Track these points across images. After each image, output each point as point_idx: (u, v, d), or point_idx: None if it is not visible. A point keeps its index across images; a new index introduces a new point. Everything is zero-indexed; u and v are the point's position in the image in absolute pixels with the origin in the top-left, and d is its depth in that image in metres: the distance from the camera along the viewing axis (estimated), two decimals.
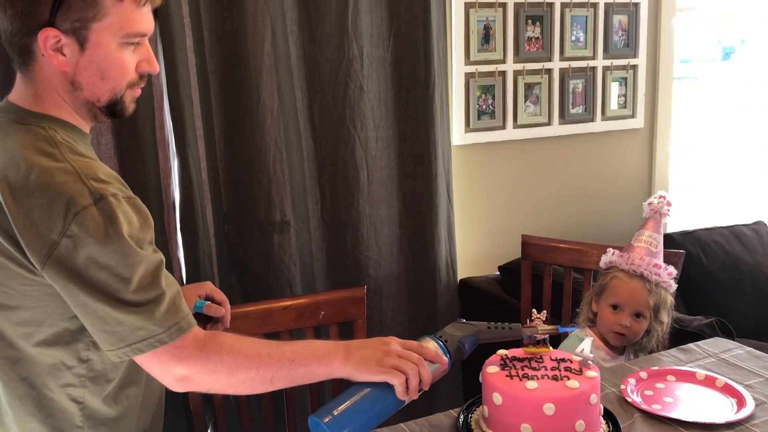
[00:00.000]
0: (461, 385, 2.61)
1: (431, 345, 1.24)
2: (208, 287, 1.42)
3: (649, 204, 1.77)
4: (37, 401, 1.17)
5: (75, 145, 1.14)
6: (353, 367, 1.14)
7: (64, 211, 1.04)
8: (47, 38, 1.09)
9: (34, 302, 1.12)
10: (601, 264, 1.81)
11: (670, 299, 1.75)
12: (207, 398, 1.57)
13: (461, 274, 2.66)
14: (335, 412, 1.11)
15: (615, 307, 1.74)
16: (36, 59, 1.13)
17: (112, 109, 1.19)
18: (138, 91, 1.21)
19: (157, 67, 1.21)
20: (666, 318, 1.75)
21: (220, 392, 1.16)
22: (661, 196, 1.77)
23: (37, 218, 1.05)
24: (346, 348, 1.16)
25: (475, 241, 2.78)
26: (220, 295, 1.43)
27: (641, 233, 1.76)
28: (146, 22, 1.16)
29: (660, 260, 1.73)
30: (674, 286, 1.75)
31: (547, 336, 1.34)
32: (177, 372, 1.09)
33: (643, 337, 1.76)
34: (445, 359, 1.24)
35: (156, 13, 1.85)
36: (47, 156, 1.08)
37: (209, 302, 1.40)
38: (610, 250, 1.80)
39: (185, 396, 1.59)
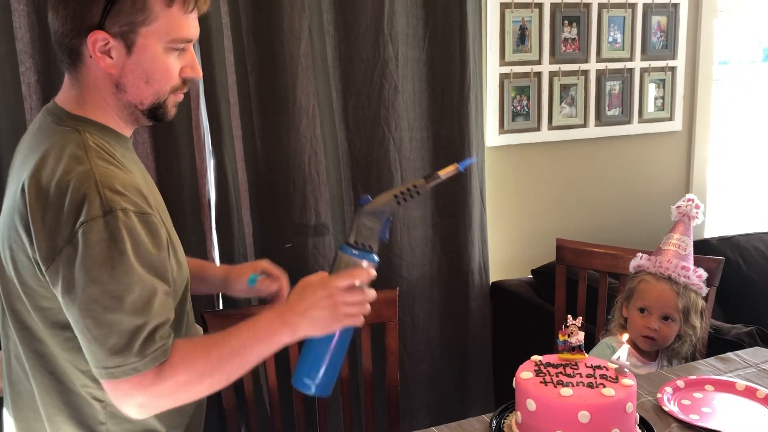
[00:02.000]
0: (493, 390, 2.60)
1: (356, 263, 1.19)
2: (264, 264, 1.43)
3: (678, 207, 1.76)
4: (63, 395, 1.19)
5: (108, 149, 1.15)
6: (305, 333, 1.17)
7: (74, 219, 1.05)
8: (96, 41, 1.11)
9: (53, 303, 1.13)
10: (630, 268, 1.80)
11: (701, 302, 1.72)
12: (240, 396, 1.59)
13: (493, 277, 2.65)
14: (317, 379, 1.19)
15: (643, 310, 1.73)
16: (84, 61, 1.15)
17: (155, 112, 1.20)
18: (180, 96, 1.22)
19: (201, 73, 1.23)
20: (698, 322, 1.71)
21: (176, 405, 1.16)
22: (689, 199, 1.74)
23: (49, 222, 1.06)
24: (291, 319, 1.15)
25: (507, 243, 2.76)
26: (275, 271, 1.43)
27: (670, 236, 1.75)
28: (192, 28, 1.18)
29: (689, 263, 1.71)
30: (705, 289, 1.72)
31: (581, 343, 1.33)
32: (137, 400, 1.10)
33: (675, 342, 1.73)
34: (374, 264, 1.21)
35: None
36: (74, 159, 1.10)
37: (262, 277, 1.41)
38: (639, 255, 1.79)
39: (218, 395, 1.61)
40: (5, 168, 2.02)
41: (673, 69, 2.93)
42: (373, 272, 1.21)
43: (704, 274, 1.72)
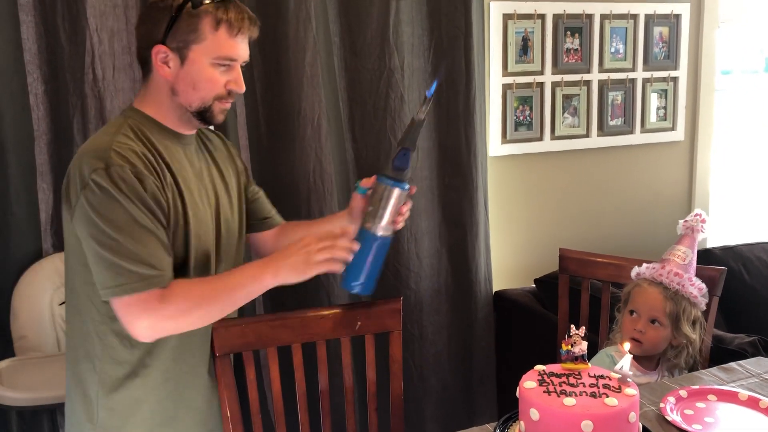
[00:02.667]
0: (496, 400, 2.60)
1: (390, 190, 1.41)
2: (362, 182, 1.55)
3: (684, 221, 1.78)
4: (82, 329, 1.42)
5: (144, 133, 1.39)
6: (285, 276, 1.36)
7: (88, 171, 1.30)
8: (158, 52, 1.38)
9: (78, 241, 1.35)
10: (632, 275, 1.82)
11: (695, 313, 1.72)
12: (244, 406, 1.59)
13: (496, 286, 2.66)
14: (360, 281, 1.44)
15: (632, 312, 1.75)
16: (150, 68, 1.41)
17: (203, 115, 1.43)
18: (227, 105, 1.44)
19: (243, 88, 1.44)
20: (692, 333, 1.71)
21: (179, 332, 1.38)
22: (696, 214, 1.77)
23: (72, 176, 1.34)
24: (274, 264, 1.37)
25: (510, 253, 2.77)
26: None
27: (674, 248, 1.77)
28: (237, 49, 1.40)
29: (685, 272, 1.72)
30: (703, 301, 1.73)
31: (584, 352, 1.33)
32: (144, 322, 1.32)
33: (669, 352, 1.73)
34: (405, 191, 1.44)
35: None
36: (106, 134, 1.38)
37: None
38: (644, 264, 1.80)
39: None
40: (14, 177, 2.05)
41: (675, 79, 2.95)
42: (406, 203, 1.47)
43: (703, 287, 1.72)
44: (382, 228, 1.43)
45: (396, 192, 1.42)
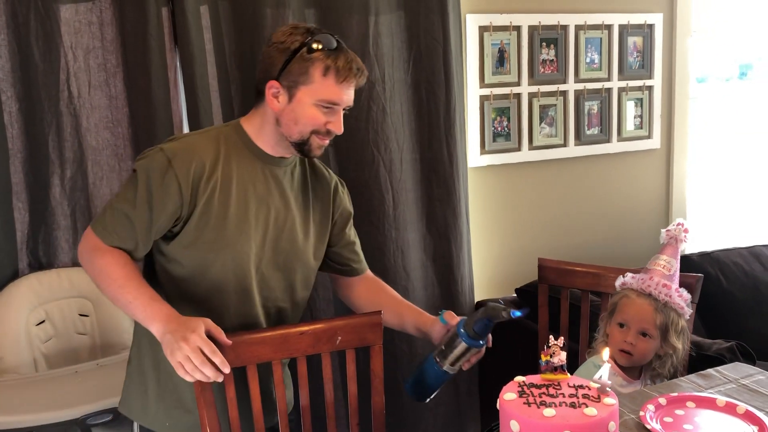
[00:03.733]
0: (479, 412, 2.60)
1: (463, 345, 1.54)
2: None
3: (667, 231, 1.78)
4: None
5: (227, 143, 1.57)
6: (159, 339, 1.42)
7: (157, 146, 1.56)
8: (271, 87, 1.54)
9: None
10: (616, 285, 1.82)
11: (682, 323, 1.73)
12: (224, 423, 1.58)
13: (477, 296, 2.66)
14: (420, 395, 1.64)
15: (622, 325, 1.75)
16: (263, 98, 1.57)
17: (300, 147, 1.58)
18: (325, 141, 1.59)
19: (341, 130, 1.58)
20: (678, 343, 1.72)
21: (86, 272, 1.55)
22: (679, 224, 1.78)
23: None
24: (164, 323, 1.42)
25: (491, 263, 2.78)
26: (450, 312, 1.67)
27: (657, 258, 1.77)
28: (341, 95, 1.54)
29: (672, 283, 1.73)
30: (688, 311, 1.73)
31: (564, 363, 1.34)
32: (80, 246, 1.56)
33: (655, 361, 1.74)
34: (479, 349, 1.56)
35: (178, 40, 1.94)
36: (198, 133, 1.65)
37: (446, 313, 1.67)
38: (627, 273, 1.81)
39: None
40: None
41: (650, 88, 2.99)
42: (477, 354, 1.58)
43: (688, 297, 1.73)
44: (451, 369, 1.56)
45: (472, 350, 1.54)
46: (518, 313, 1.43)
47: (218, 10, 2.16)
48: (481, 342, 1.53)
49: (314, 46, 1.50)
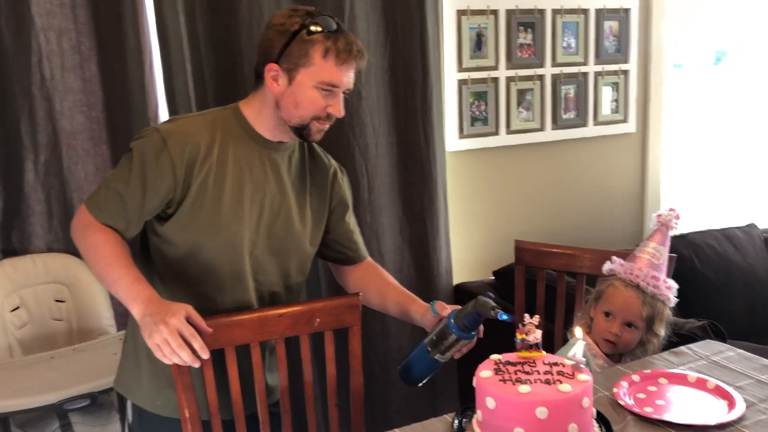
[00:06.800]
0: (457, 390, 2.63)
1: (455, 337, 1.52)
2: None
3: (658, 216, 1.75)
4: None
5: (222, 125, 1.55)
6: (138, 320, 1.40)
7: (153, 127, 1.57)
8: (270, 70, 1.52)
9: None
10: (603, 270, 1.80)
11: (667, 312, 1.74)
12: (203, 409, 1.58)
13: (456, 279, 2.68)
14: (412, 380, 1.62)
15: (608, 314, 1.75)
16: (262, 81, 1.55)
17: (300, 131, 1.56)
18: (325, 126, 1.57)
19: (341, 113, 1.55)
20: (662, 331, 1.74)
21: (75, 242, 1.54)
22: (671, 209, 1.75)
23: None
24: (144, 304, 1.40)
25: (469, 246, 2.80)
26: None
27: (647, 244, 1.75)
28: (341, 77, 1.51)
29: (660, 273, 1.72)
30: (674, 300, 1.73)
31: (539, 341, 1.35)
32: (74, 220, 1.54)
33: (637, 348, 1.76)
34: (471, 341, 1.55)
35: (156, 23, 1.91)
36: (197, 115, 1.63)
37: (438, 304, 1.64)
38: (615, 258, 1.79)
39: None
40: None
41: (626, 72, 3.01)
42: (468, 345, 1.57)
43: (674, 286, 1.73)
44: (441, 357, 1.56)
45: (461, 342, 1.54)
46: (505, 317, 1.43)
47: None
48: (472, 334, 1.54)
49: (313, 28, 1.49)
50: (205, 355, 1.39)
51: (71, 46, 2.11)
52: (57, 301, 2.17)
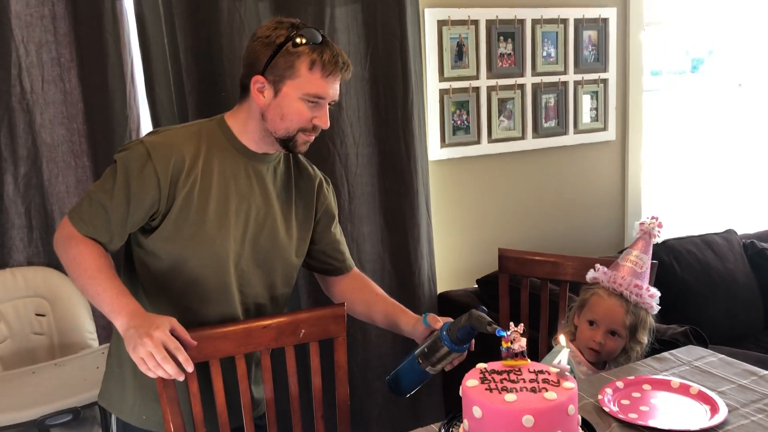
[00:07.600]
0: (443, 400, 2.63)
1: (446, 350, 1.52)
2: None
3: (641, 224, 1.76)
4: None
5: (207, 138, 1.55)
6: (123, 336, 1.39)
7: (137, 139, 1.59)
8: (256, 82, 1.52)
9: None
10: (587, 278, 1.82)
11: (650, 320, 1.75)
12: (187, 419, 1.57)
13: (440, 288, 2.69)
14: (401, 391, 1.61)
15: (591, 323, 1.76)
16: (247, 93, 1.55)
17: (285, 143, 1.56)
18: (311, 137, 1.57)
19: (327, 125, 1.56)
20: (645, 338, 1.75)
21: (59, 256, 1.53)
22: (653, 217, 1.76)
23: None
24: (129, 318, 1.39)
25: (453, 254, 2.81)
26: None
27: (629, 252, 1.76)
28: (327, 89, 1.52)
29: (643, 282, 1.73)
30: (656, 308, 1.75)
31: (524, 349, 1.36)
32: (57, 233, 1.52)
33: (620, 355, 1.77)
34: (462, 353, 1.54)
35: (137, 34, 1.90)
36: (182, 126, 1.61)
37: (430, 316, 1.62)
38: (598, 266, 1.80)
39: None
40: None
41: (605, 81, 3.05)
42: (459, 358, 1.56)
43: (657, 294, 1.74)
44: (432, 369, 1.56)
45: (452, 354, 1.54)
46: (503, 333, 1.43)
47: (172, 3, 2.13)
48: (464, 347, 1.54)
49: (299, 40, 1.49)
50: (190, 368, 1.38)
51: (51, 58, 2.10)
52: (38, 315, 2.15)
